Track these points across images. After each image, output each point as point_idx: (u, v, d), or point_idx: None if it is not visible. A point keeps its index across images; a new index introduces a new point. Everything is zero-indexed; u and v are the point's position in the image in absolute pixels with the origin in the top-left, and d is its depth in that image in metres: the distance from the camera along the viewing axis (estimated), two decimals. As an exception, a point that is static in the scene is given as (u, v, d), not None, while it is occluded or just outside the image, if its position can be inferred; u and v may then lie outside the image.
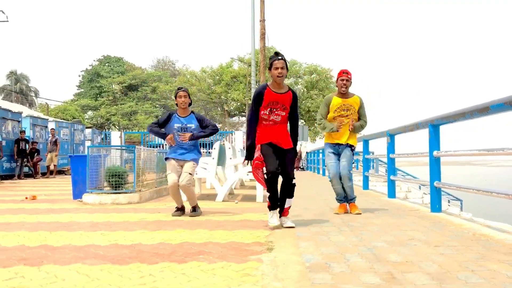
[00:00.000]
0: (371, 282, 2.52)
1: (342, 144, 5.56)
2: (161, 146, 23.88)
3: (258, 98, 4.49)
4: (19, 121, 16.72)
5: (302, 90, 39.30)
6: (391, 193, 7.45)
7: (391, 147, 7.46)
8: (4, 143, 15.21)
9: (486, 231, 4.10)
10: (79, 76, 56.62)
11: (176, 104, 5.63)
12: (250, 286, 2.49)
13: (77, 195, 7.61)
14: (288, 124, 4.65)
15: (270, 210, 4.52)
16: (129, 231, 4.43)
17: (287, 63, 4.50)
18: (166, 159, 5.64)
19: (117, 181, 7.08)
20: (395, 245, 3.52)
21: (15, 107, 22.28)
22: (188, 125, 5.58)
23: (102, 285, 2.55)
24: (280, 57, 4.44)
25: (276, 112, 4.48)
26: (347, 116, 5.46)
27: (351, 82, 5.44)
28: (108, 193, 7.02)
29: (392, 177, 7.45)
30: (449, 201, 21.76)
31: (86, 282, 2.62)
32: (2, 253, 3.47)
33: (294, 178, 4.53)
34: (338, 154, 5.61)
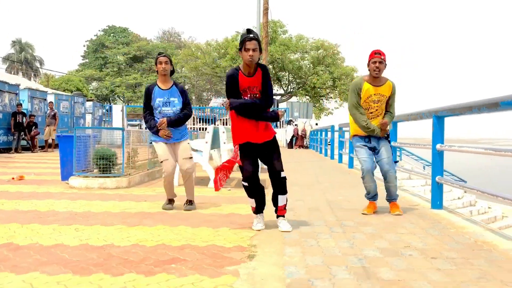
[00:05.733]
0: (356, 311, 2.22)
1: (374, 136, 4.79)
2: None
3: (232, 82, 3.94)
4: (16, 94, 16.40)
5: (308, 66, 38.62)
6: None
7: (393, 135, 7.09)
8: (0, 115, 14.96)
9: (489, 237, 3.78)
10: (84, 46, 55.99)
11: (157, 72, 4.98)
12: (218, 313, 2.20)
13: (65, 176, 7.34)
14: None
15: (255, 214, 4.16)
16: (106, 225, 4.14)
17: (260, 44, 3.93)
18: (153, 141, 5.08)
19: (105, 164, 6.78)
20: (389, 255, 3.22)
21: (15, 78, 21.98)
22: (171, 99, 4.93)
23: (52, 306, 2.26)
24: (252, 35, 3.86)
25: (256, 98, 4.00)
26: (376, 110, 4.70)
27: (385, 64, 4.56)
28: (95, 177, 6.73)
29: (393, 166, 7.10)
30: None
31: (35, 300, 2.34)
32: (-39, 253, 3.21)
33: (283, 171, 4.06)
34: (370, 148, 4.81)
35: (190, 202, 5.12)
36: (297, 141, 24.87)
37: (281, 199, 4.10)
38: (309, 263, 3.00)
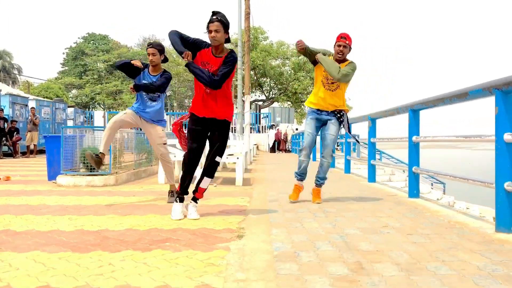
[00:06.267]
0: (338, 273, 2.43)
1: (326, 111, 5.01)
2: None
3: (196, 44, 4.01)
4: (-3, 99, 16.33)
5: (289, 72, 39.07)
6: (371, 177, 7.40)
7: (372, 131, 7.38)
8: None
9: (461, 218, 4.05)
10: (63, 53, 55.62)
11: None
12: (212, 277, 2.39)
13: (52, 176, 7.43)
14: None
15: (176, 199, 4.18)
16: (98, 215, 4.29)
17: (225, 24, 3.94)
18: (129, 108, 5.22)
19: (92, 163, 6.88)
20: (368, 232, 3.45)
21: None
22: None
23: (57, 275, 2.42)
24: (215, 17, 3.92)
25: None
26: (332, 83, 4.88)
27: (349, 48, 4.84)
28: (82, 175, 6.85)
29: (372, 162, 7.39)
30: (432, 184, 21.87)
31: (40, 271, 2.49)
32: (-40, 238, 3.33)
33: (220, 157, 4.21)
34: (320, 122, 5.06)
35: (172, 193, 5.22)
36: (280, 145, 25.15)
37: (205, 182, 4.23)
38: (294, 240, 3.21)
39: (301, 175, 5.24)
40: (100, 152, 5.08)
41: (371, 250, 2.93)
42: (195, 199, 4.25)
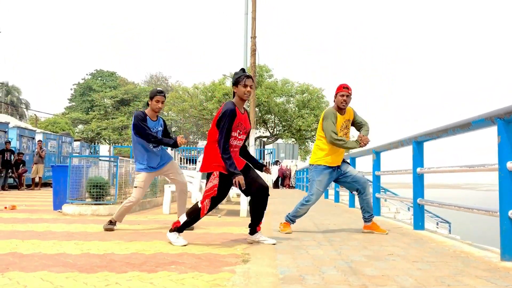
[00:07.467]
0: (344, 295, 2.44)
1: (339, 165, 5.14)
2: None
3: (234, 117, 3.99)
4: (5, 131, 16.54)
5: (293, 109, 39.46)
6: (376, 211, 7.38)
7: (376, 165, 7.43)
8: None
9: (466, 248, 4.05)
10: (71, 89, 56.56)
11: (147, 104, 5.17)
12: (218, 296, 2.41)
13: (57, 205, 7.47)
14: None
15: (180, 232, 4.14)
16: (104, 241, 4.31)
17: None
18: (142, 170, 5.14)
19: (98, 192, 6.95)
20: (373, 259, 3.46)
21: (4, 117, 22.09)
22: (158, 129, 5.22)
23: (65, 292, 2.45)
24: (249, 74, 4.13)
25: (240, 137, 4.16)
26: (345, 134, 5.09)
27: (351, 97, 4.99)
28: (88, 204, 6.88)
29: (377, 195, 7.40)
30: (437, 224, 21.66)
31: (48, 289, 2.51)
32: (-32, 259, 3.35)
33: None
34: (332, 179, 5.15)
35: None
36: (284, 181, 25.12)
37: (263, 214, 4.31)
38: (300, 265, 3.22)
39: (294, 221, 5.25)
40: (111, 220, 5.19)
41: (376, 275, 2.93)
42: (256, 232, 4.31)
